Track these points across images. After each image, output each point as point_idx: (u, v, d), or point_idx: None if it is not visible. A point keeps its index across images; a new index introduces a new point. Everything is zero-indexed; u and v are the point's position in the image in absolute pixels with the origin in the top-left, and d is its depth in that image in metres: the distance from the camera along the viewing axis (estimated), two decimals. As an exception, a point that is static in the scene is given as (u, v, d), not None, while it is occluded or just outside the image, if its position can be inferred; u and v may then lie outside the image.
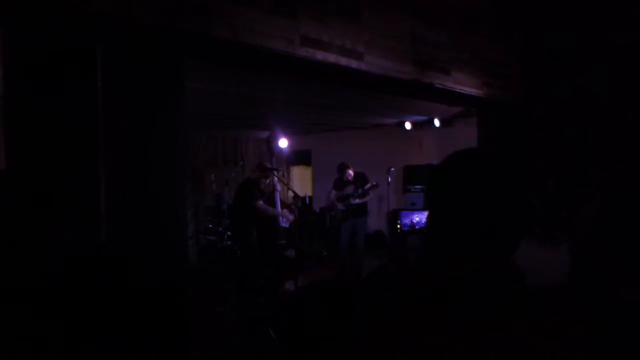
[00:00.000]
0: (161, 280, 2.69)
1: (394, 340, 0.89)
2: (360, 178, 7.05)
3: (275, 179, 5.85)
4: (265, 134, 9.39)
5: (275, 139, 7.47)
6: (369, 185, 6.95)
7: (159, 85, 2.76)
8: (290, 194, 5.78)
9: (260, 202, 5.54)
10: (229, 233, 6.67)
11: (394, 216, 8.28)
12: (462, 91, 4.80)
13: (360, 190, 6.94)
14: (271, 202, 5.85)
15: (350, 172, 7.03)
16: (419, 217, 7.99)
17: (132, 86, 2.64)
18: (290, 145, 8.52)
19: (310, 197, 10.27)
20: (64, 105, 2.35)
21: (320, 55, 3.42)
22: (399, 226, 8.15)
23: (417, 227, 7.78)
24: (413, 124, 8.55)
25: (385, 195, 7.37)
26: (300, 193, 7.48)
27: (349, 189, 7.05)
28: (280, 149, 7.03)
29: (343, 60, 3.59)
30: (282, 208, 5.96)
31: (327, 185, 7.71)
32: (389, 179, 7.25)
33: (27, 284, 1.16)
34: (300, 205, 7.68)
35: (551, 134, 5.99)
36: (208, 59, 3.38)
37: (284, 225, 5.85)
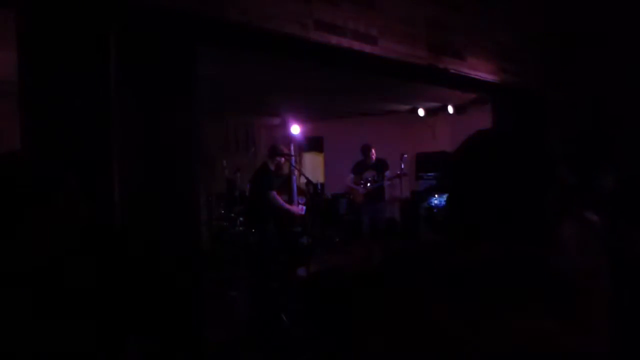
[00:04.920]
0: (175, 265, 2.70)
1: (409, 324, 0.88)
2: (380, 164, 7.12)
3: (293, 164, 5.78)
4: (277, 121, 9.37)
5: (289, 125, 7.45)
6: (389, 172, 7.05)
7: (172, 69, 2.74)
8: (303, 179, 5.74)
9: (274, 193, 5.47)
10: (241, 219, 6.68)
11: (413, 199, 8.26)
12: (477, 77, 4.73)
13: (380, 177, 7.04)
14: (288, 188, 5.81)
15: (374, 152, 7.07)
16: (438, 200, 7.91)
17: (145, 71, 2.63)
18: (302, 132, 8.49)
19: (322, 184, 10.25)
20: (78, 90, 2.35)
21: (334, 39, 3.38)
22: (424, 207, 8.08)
23: (435, 210, 7.70)
24: (426, 110, 8.47)
25: (398, 182, 7.34)
26: (313, 179, 7.46)
27: (369, 174, 7.08)
28: (293, 135, 7.03)
29: (357, 45, 3.55)
30: (298, 195, 5.94)
31: (340, 172, 7.67)
32: (402, 166, 7.20)
33: (35, 263, 1.16)
34: (313, 191, 7.67)
35: (567, 120, 5.89)
36: (221, 43, 3.36)
37: (299, 212, 5.83)
